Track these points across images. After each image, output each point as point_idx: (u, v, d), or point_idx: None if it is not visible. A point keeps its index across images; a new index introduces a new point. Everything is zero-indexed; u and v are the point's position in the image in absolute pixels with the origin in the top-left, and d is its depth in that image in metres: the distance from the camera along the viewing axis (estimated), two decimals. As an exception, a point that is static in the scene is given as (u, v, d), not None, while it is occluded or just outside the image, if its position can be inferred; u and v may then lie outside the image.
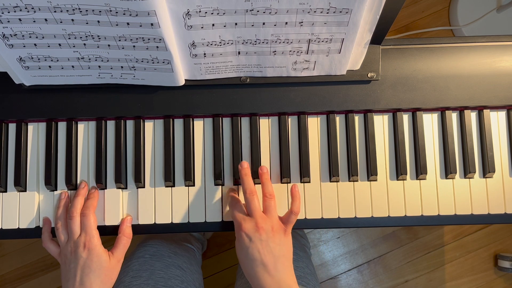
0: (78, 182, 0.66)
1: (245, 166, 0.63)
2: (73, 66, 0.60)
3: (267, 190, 0.62)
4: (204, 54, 0.58)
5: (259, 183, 0.66)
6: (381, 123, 0.67)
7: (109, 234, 0.65)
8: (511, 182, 0.67)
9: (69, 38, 0.54)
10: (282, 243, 0.59)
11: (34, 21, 0.52)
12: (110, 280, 0.61)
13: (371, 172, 0.65)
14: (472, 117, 0.68)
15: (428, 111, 0.68)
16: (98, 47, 0.56)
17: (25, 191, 0.66)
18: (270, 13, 0.52)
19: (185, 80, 0.63)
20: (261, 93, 0.65)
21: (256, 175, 0.65)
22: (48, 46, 0.56)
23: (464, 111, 0.67)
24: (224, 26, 0.54)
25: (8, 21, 0.52)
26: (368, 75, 0.64)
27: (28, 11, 0.50)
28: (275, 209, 0.61)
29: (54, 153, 0.66)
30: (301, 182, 0.66)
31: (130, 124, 0.67)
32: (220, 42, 0.57)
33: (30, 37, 0.54)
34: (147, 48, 0.55)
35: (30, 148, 0.66)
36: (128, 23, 0.51)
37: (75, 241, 0.60)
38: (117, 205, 0.65)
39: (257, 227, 0.58)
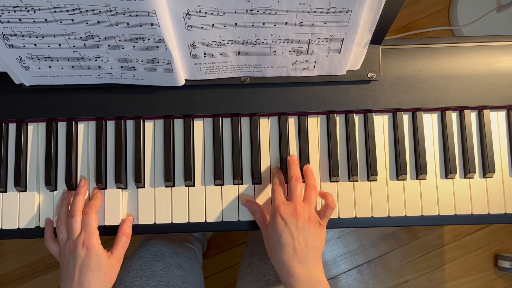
0: (78, 182, 0.66)
1: (294, 157, 0.65)
2: (73, 66, 0.60)
3: (311, 182, 0.62)
4: (204, 54, 0.58)
5: (259, 183, 0.66)
6: (381, 123, 0.67)
7: (108, 234, 0.65)
8: (511, 182, 0.67)
9: (69, 38, 0.54)
10: (316, 235, 0.58)
11: (34, 21, 0.52)
12: (110, 280, 0.61)
13: (371, 172, 0.65)
14: (472, 117, 0.68)
15: (428, 111, 0.68)
16: (98, 47, 0.56)
17: (25, 191, 0.66)
18: (270, 13, 0.52)
19: (185, 80, 0.63)
20: (261, 93, 0.65)
21: (258, 175, 0.65)
22: (48, 46, 0.56)
23: (464, 111, 0.67)
24: (224, 26, 0.54)
25: (8, 21, 0.52)
26: (368, 75, 0.64)
27: (28, 11, 0.50)
28: (315, 201, 0.61)
29: (54, 153, 0.66)
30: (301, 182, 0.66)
31: (130, 124, 0.67)
32: (220, 42, 0.57)
33: (30, 37, 0.54)
34: (147, 48, 0.55)
35: (30, 148, 0.66)
36: (128, 23, 0.51)
37: (74, 239, 0.60)
38: (117, 205, 0.65)
39: (295, 212, 0.58)
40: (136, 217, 0.65)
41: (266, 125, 0.67)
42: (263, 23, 0.54)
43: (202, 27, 0.54)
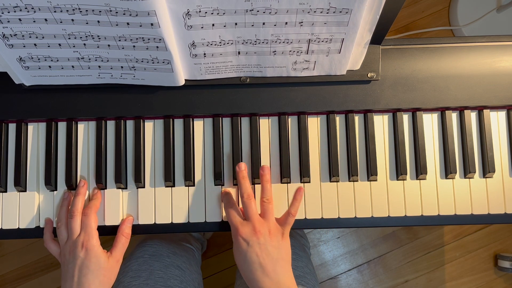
0: (78, 182, 0.66)
1: (243, 168, 0.63)
2: (73, 66, 0.60)
3: (265, 194, 0.62)
4: (204, 54, 0.58)
5: (259, 183, 0.66)
6: (381, 123, 0.67)
7: (108, 234, 0.65)
8: (511, 182, 0.67)
9: (69, 38, 0.54)
10: (280, 246, 0.59)
11: (34, 21, 0.52)
12: (109, 281, 0.61)
13: (371, 172, 0.65)
14: (472, 117, 0.68)
15: (428, 111, 0.68)
16: (98, 47, 0.56)
17: (25, 191, 0.66)
18: (270, 13, 0.52)
19: (185, 80, 0.63)
20: (261, 93, 0.65)
21: (257, 175, 0.65)
22: (48, 46, 0.56)
23: (464, 111, 0.67)
24: (224, 26, 0.54)
25: (8, 21, 0.52)
26: (368, 75, 0.64)
27: (28, 11, 0.50)
28: (272, 213, 0.61)
29: (54, 153, 0.66)
30: (301, 182, 0.66)
31: (130, 124, 0.67)
32: (220, 42, 0.57)
33: (30, 37, 0.54)
34: (147, 48, 0.55)
35: (30, 148, 0.66)
36: (128, 23, 0.51)
37: (74, 240, 0.60)
38: (117, 205, 0.65)
39: (255, 231, 0.58)
40: (136, 217, 0.65)
41: (266, 125, 0.67)
42: (263, 23, 0.54)
43: (202, 27, 0.54)
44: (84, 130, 0.67)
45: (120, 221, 0.65)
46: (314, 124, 0.67)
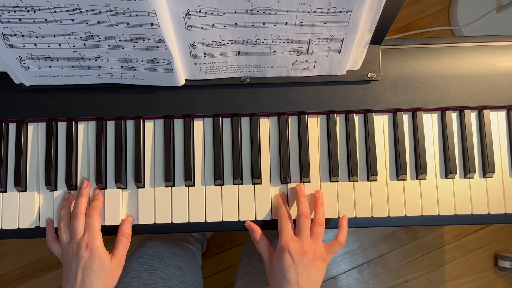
0: (78, 182, 0.66)
1: (302, 188, 0.65)
2: (73, 66, 0.60)
3: (319, 217, 0.63)
4: (204, 54, 0.58)
5: (259, 183, 0.66)
6: (381, 123, 0.67)
7: (108, 234, 0.65)
8: (511, 182, 0.67)
9: (69, 38, 0.54)
10: (319, 270, 0.60)
11: (34, 21, 0.52)
12: (112, 282, 0.61)
13: (371, 172, 0.65)
14: (472, 117, 0.68)
15: (428, 111, 0.68)
16: (98, 47, 0.56)
17: (25, 191, 0.66)
18: (270, 13, 0.52)
19: (185, 80, 0.63)
20: (261, 93, 0.65)
21: (257, 175, 0.65)
22: (48, 46, 0.56)
23: (464, 111, 0.67)
24: (224, 26, 0.54)
25: (8, 21, 0.52)
26: (368, 75, 0.64)
27: (28, 11, 0.50)
28: (321, 237, 0.62)
29: (54, 153, 0.66)
30: (301, 182, 0.66)
31: (130, 124, 0.67)
32: (220, 42, 0.57)
33: (30, 37, 0.54)
34: (147, 48, 0.55)
35: (30, 148, 0.66)
36: (128, 23, 0.51)
37: (78, 241, 0.60)
38: (117, 205, 0.65)
39: (303, 250, 0.59)
40: (136, 217, 0.65)
41: (266, 125, 0.67)
42: (263, 23, 0.54)
43: (202, 27, 0.54)
44: (84, 130, 0.67)
45: (120, 221, 0.65)
46: (314, 124, 0.67)
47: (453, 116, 0.68)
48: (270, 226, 0.66)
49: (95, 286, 0.59)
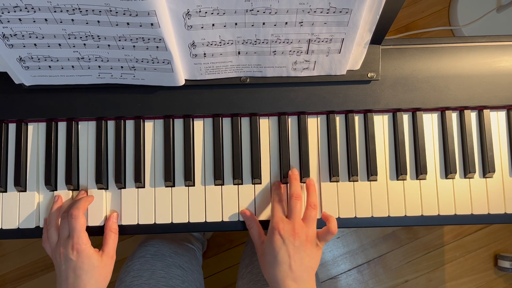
0: (78, 182, 0.66)
1: (296, 172, 0.64)
2: (73, 66, 0.60)
3: (312, 200, 0.62)
4: (204, 54, 0.58)
5: (259, 183, 0.66)
6: (381, 123, 0.67)
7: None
8: (511, 182, 0.67)
9: (69, 38, 0.54)
10: (312, 255, 0.59)
11: (34, 21, 0.52)
12: (105, 278, 0.61)
13: (371, 172, 0.65)
14: (472, 117, 0.68)
15: (428, 111, 0.68)
16: (98, 47, 0.56)
17: (25, 191, 0.66)
18: (270, 13, 0.52)
19: (185, 80, 0.63)
20: (261, 93, 0.65)
21: (257, 175, 0.65)
22: (48, 46, 0.56)
23: (464, 111, 0.67)
24: (224, 26, 0.54)
25: (8, 21, 0.52)
26: (368, 75, 0.64)
27: (28, 11, 0.50)
28: (315, 220, 0.61)
29: (54, 153, 0.66)
30: (301, 182, 0.66)
31: (130, 124, 0.67)
32: (220, 42, 0.57)
33: (30, 37, 0.54)
34: (147, 48, 0.55)
35: (30, 148, 0.66)
36: (128, 23, 0.51)
37: (64, 243, 0.60)
38: (117, 205, 0.65)
39: (294, 231, 0.58)
40: (136, 217, 0.65)
41: (266, 125, 0.67)
42: (263, 23, 0.54)
43: (202, 27, 0.54)
44: (84, 130, 0.67)
45: (120, 220, 0.65)
46: (314, 124, 0.67)
47: (453, 116, 0.68)
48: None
49: (88, 285, 0.58)
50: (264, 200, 0.66)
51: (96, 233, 0.65)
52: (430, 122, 0.68)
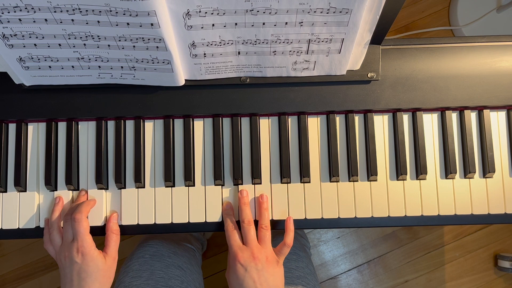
0: (78, 182, 0.66)
1: (245, 195, 0.65)
2: (73, 66, 0.60)
3: (263, 221, 0.63)
4: (204, 54, 0.58)
5: (259, 183, 0.66)
6: (381, 123, 0.67)
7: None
8: (511, 182, 0.67)
9: (69, 38, 0.54)
10: (275, 274, 0.60)
11: (34, 21, 0.52)
12: (109, 280, 0.62)
13: (371, 172, 0.65)
14: (472, 117, 0.68)
15: (428, 111, 0.68)
16: (98, 47, 0.56)
17: (25, 191, 0.66)
18: (270, 13, 0.52)
19: (185, 80, 0.63)
20: (261, 93, 0.65)
21: (256, 175, 0.65)
22: (48, 46, 0.56)
23: (464, 111, 0.67)
24: (224, 26, 0.54)
25: (8, 21, 0.52)
26: (368, 75, 0.64)
27: (28, 11, 0.50)
28: (269, 240, 0.62)
29: (54, 153, 0.66)
30: (301, 182, 0.66)
31: (130, 124, 0.67)
32: (220, 42, 0.57)
33: (30, 37, 0.54)
34: (147, 48, 0.55)
35: (30, 148, 0.66)
36: (128, 23, 0.51)
37: (69, 246, 0.60)
38: (117, 205, 0.65)
39: (253, 257, 0.59)
40: (136, 217, 0.65)
41: (266, 125, 0.67)
42: (263, 23, 0.54)
43: (202, 27, 0.54)
44: (84, 130, 0.67)
45: (120, 220, 0.65)
46: (314, 124, 0.67)
47: (453, 116, 0.68)
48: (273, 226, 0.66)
49: (92, 287, 0.59)
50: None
51: (96, 233, 0.65)
52: (430, 122, 0.68)
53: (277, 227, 0.66)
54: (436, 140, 0.67)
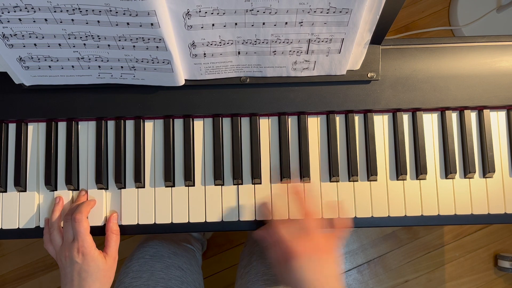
0: (78, 182, 0.66)
1: (300, 190, 0.64)
2: (73, 66, 0.60)
3: (309, 211, 0.61)
4: (204, 54, 0.58)
5: (258, 183, 0.66)
6: (381, 123, 0.67)
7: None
8: (511, 182, 0.67)
9: (69, 38, 0.54)
10: (329, 262, 0.58)
11: (34, 21, 0.52)
12: (109, 280, 0.62)
13: (371, 172, 0.65)
14: (472, 117, 0.68)
15: (428, 111, 0.68)
16: (98, 47, 0.56)
17: (25, 191, 0.66)
18: (270, 13, 0.52)
19: (185, 80, 0.63)
20: (261, 93, 0.65)
21: (257, 175, 0.65)
22: (48, 46, 0.56)
23: (464, 111, 0.67)
24: (224, 26, 0.54)
25: (8, 21, 0.52)
26: (368, 75, 0.64)
27: (28, 11, 0.50)
28: (318, 230, 0.60)
29: (54, 153, 0.66)
30: (301, 182, 0.66)
31: (130, 124, 0.67)
32: (220, 42, 0.57)
33: (30, 37, 0.54)
34: (147, 48, 0.55)
35: (30, 148, 0.66)
36: (128, 23, 0.51)
37: (69, 246, 0.60)
38: (117, 205, 0.65)
39: (306, 248, 0.57)
40: (136, 217, 0.65)
41: (266, 125, 0.67)
42: (263, 23, 0.54)
43: (202, 27, 0.54)
44: (84, 130, 0.67)
45: (120, 220, 0.65)
46: (314, 124, 0.67)
47: (453, 116, 0.68)
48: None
49: (93, 287, 0.59)
50: (264, 200, 0.66)
51: (96, 233, 0.65)
52: (430, 122, 0.68)
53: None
54: (436, 140, 0.67)
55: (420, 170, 0.66)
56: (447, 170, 0.66)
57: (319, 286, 0.56)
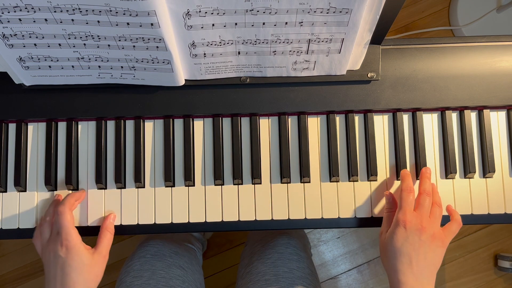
0: (78, 182, 0.66)
1: (428, 171, 0.64)
2: (73, 66, 0.60)
3: (436, 199, 0.62)
4: (204, 54, 0.58)
5: (258, 183, 0.66)
6: (381, 123, 0.67)
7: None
8: (511, 182, 0.67)
9: (69, 38, 0.54)
10: (436, 252, 0.58)
11: (34, 21, 0.52)
12: (96, 277, 0.60)
13: (371, 172, 0.65)
14: (472, 117, 0.68)
15: (428, 111, 0.68)
16: (98, 47, 0.56)
17: (25, 191, 0.66)
18: (270, 13, 0.52)
19: (185, 80, 0.63)
20: (261, 93, 0.65)
21: (257, 174, 0.65)
22: (48, 46, 0.56)
23: (464, 111, 0.67)
24: (224, 26, 0.54)
25: (8, 21, 0.52)
26: (368, 75, 0.64)
27: (28, 11, 0.50)
28: (440, 218, 0.61)
29: (54, 153, 0.66)
30: (301, 182, 0.66)
31: (130, 124, 0.67)
32: (220, 42, 0.57)
33: (30, 37, 0.54)
34: (147, 48, 0.55)
35: (30, 148, 0.66)
36: (128, 23, 0.51)
37: (54, 240, 0.59)
38: (117, 205, 0.65)
39: (421, 226, 0.58)
40: (136, 217, 0.65)
41: (266, 125, 0.67)
42: (263, 23, 0.54)
43: (202, 27, 0.54)
44: (84, 130, 0.67)
45: (120, 220, 0.65)
46: (314, 124, 0.67)
47: (453, 116, 0.68)
48: (273, 225, 0.66)
49: (76, 283, 0.57)
50: (264, 200, 0.66)
51: (96, 234, 0.65)
52: (430, 122, 0.68)
53: (277, 227, 0.66)
54: (436, 140, 0.67)
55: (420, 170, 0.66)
56: (447, 170, 0.66)
57: (416, 267, 0.56)
